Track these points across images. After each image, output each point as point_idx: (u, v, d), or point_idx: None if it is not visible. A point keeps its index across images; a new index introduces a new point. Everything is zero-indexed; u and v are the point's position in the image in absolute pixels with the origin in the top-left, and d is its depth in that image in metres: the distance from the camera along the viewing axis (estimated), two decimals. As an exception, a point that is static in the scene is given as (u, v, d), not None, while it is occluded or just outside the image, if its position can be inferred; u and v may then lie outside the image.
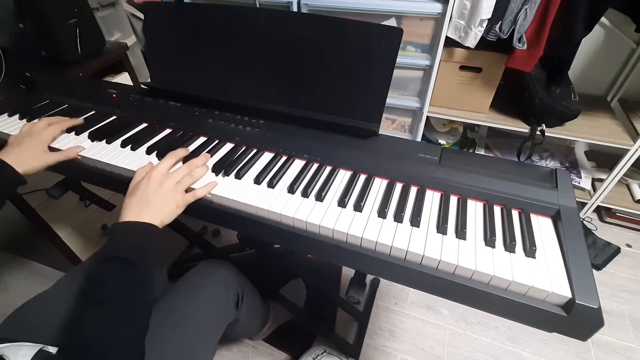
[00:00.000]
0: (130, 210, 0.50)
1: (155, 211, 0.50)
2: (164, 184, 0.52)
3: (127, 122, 0.71)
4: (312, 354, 0.93)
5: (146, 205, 0.50)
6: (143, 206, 0.50)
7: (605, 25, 1.21)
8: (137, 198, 0.51)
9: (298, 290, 1.12)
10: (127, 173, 0.60)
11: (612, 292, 1.16)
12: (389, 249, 0.47)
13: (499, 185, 0.55)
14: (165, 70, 0.75)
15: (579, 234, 0.47)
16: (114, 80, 1.22)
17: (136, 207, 0.50)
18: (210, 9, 0.68)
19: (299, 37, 0.63)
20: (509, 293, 0.43)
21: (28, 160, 0.58)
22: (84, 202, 1.11)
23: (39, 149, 0.61)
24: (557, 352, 1.01)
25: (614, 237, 1.31)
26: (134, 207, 0.50)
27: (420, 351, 1.02)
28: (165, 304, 0.63)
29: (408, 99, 1.30)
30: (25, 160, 0.58)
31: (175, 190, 0.53)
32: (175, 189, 0.53)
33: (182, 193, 0.53)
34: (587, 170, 1.38)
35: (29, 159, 0.59)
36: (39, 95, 0.82)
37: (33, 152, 0.60)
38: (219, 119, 0.70)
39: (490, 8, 1.00)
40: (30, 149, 0.60)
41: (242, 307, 0.73)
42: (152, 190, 0.51)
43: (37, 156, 0.60)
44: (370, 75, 0.60)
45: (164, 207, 0.51)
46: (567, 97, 1.14)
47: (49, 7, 1.00)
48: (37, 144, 0.61)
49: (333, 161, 0.60)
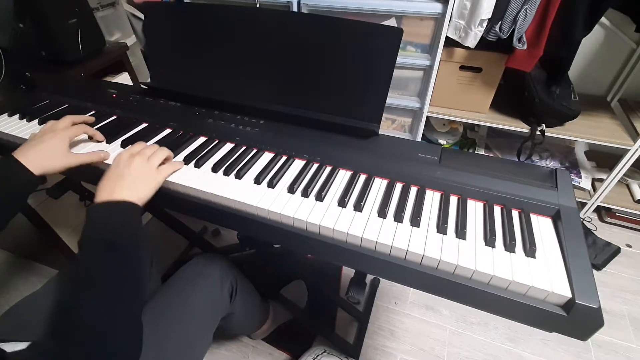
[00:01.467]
0: (103, 190, 0.48)
1: (130, 186, 0.49)
2: (135, 159, 0.52)
3: (127, 122, 0.71)
4: (312, 354, 0.93)
5: (119, 181, 0.49)
6: (116, 182, 0.49)
7: (605, 25, 1.21)
8: (109, 177, 0.50)
9: (298, 291, 1.12)
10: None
11: (612, 292, 1.16)
12: (389, 249, 0.47)
13: (499, 185, 0.55)
14: (165, 70, 0.75)
15: (579, 234, 0.47)
16: (114, 80, 1.22)
17: (109, 185, 0.49)
18: (210, 9, 0.68)
19: (299, 37, 0.63)
20: (509, 293, 0.43)
21: (48, 160, 0.55)
22: (84, 202, 1.11)
23: (61, 148, 0.57)
24: (557, 352, 1.01)
25: (614, 237, 1.31)
26: (107, 185, 0.49)
27: (420, 351, 1.02)
28: (161, 298, 0.63)
29: (408, 99, 1.30)
30: (46, 159, 0.55)
31: (150, 163, 0.53)
32: (149, 162, 0.53)
33: (157, 167, 0.53)
34: (587, 170, 1.38)
35: (49, 158, 0.55)
36: (39, 95, 0.82)
37: (54, 151, 0.56)
38: (219, 119, 0.70)
39: (490, 8, 1.00)
40: (52, 148, 0.56)
41: (236, 300, 0.73)
42: (123, 166, 0.51)
43: (58, 156, 0.56)
44: (370, 75, 0.60)
45: (139, 180, 0.50)
46: (567, 97, 1.14)
47: (49, 7, 1.00)
48: (59, 143, 0.57)
49: (333, 161, 0.60)
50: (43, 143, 0.56)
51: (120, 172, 0.50)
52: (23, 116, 0.73)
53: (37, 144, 0.56)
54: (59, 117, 0.71)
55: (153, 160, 0.54)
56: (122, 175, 0.50)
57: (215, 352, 1.01)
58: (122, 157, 0.53)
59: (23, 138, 0.68)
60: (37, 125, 0.71)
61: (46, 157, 0.55)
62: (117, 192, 0.48)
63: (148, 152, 0.54)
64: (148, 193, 0.50)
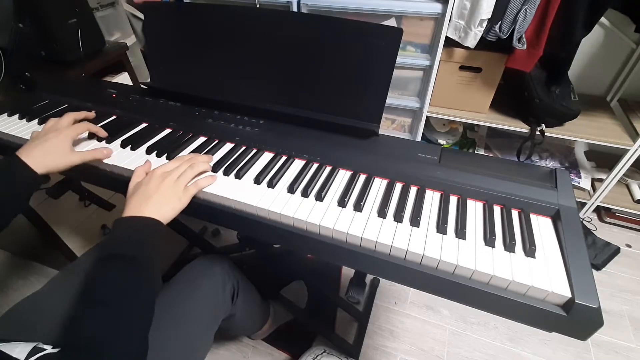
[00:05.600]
0: (130, 206, 0.49)
1: (157, 205, 0.50)
2: (165, 180, 0.52)
3: (127, 122, 0.71)
4: (312, 354, 0.93)
5: (147, 200, 0.50)
6: (143, 201, 0.50)
7: (605, 25, 1.21)
8: (138, 194, 0.50)
9: (298, 291, 1.12)
10: (127, 173, 0.60)
11: (612, 292, 1.16)
12: (388, 249, 0.47)
13: (499, 185, 0.55)
14: (165, 70, 0.75)
15: (578, 234, 0.47)
16: (114, 80, 1.22)
17: (136, 203, 0.50)
18: (209, 9, 0.68)
19: (298, 37, 0.63)
20: (508, 293, 0.43)
21: (52, 159, 0.55)
22: (84, 202, 1.11)
23: (65, 146, 0.57)
24: (557, 352, 1.01)
25: (613, 237, 1.31)
26: (134, 203, 0.50)
27: (420, 351, 1.02)
28: (164, 299, 0.63)
29: (408, 99, 1.30)
30: (49, 158, 0.55)
31: (177, 184, 0.53)
32: (176, 183, 0.53)
33: (185, 186, 0.53)
34: (586, 170, 1.38)
35: (52, 157, 0.55)
36: (38, 95, 0.82)
37: (58, 149, 0.56)
38: (219, 119, 0.70)
39: (490, 8, 1.00)
40: (55, 147, 0.56)
41: (238, 301, 0.73)
42: (153, 186, 0.51)
43: (62, 154, 0.56)
44: (370, 75, 0.60)
45: (166, 201, 0.51)
46: (566, 97, 1.14)
47: (49, 7, 1.00)
48: (62, 142, 0.57)
49: (333, 161, 0.60)
50: (46, 142, 0.56)
51: (148, 191, 0.51)
52: (23, 116, 0.73)
53: (40, 143, 0.56)
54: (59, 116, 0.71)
55: (182, 179, 0.53)
56: (150, 195, 0.50)
57: (215, 352, 1.01)
58: (155, 174, 0.53)
59: (23, 138, 0.68)
60: (37, 125, 0.71)
61: (50, 155, 0.55)
62: (142, 209, 0.49)
63: (178, 172, 0.54)
64: (171, 214, 0.51)
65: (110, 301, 0.41)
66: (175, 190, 0.52)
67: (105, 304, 0.41)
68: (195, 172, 0.56)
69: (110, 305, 0.41)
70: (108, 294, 0.42)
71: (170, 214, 0.51)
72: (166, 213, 0.50)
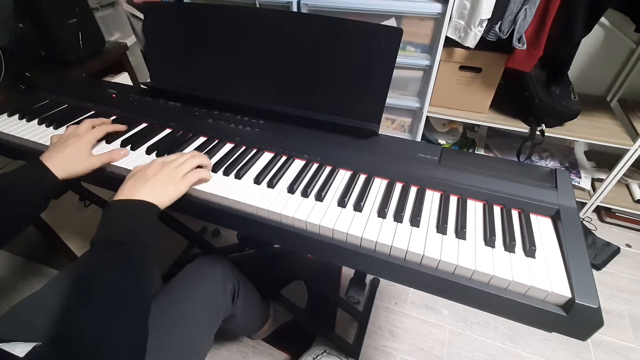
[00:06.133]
0: (124, 189, 0.48)
1: (153, 189, 0.49)
2: (165, 167, 0.52)
3: (127, 122, 0.71)
4: (312, 354, 0.93)
5: (143, 183, 0.49)
6: (139, 184, 0.49)
7: (605, 25, 1.21)
8: (135, 178, 0.50)
9: (298, 291, 1.12)
10: (126, 173, 0.60)
11: (612, 292, 1.16)
12: (388, 249, 0.47)
13: (499, 185, 0.55)
14: (165, 70, 0.75)
15: (578, 234, 0.47)
16: (113, 80, 1.22)
17: (131, 185, 0.49)
18: (209, 9, 0.68)
19: (298, 37, 0.63)
20: (508, 293, 0.43)
21: (73, 164, 0.56)
22: (83, 202, 1.11)
23: (85, 151, 0.59)
24: (556, 352, 1.01)
25: (613, 237, 1.31)
26: (129, 185, 0.49)
27: (420, 351, 1.02)
28: (164, 300, 0.63)
29: (408, 99, 1.30)
30: (71, 163, 0.56)
31: (177, 171, 0.52)
32: (176, 170, 0.52)
33: (184, 175, 0.53)
34: (586, 170, 1.38)
35: (73, 162, 0.57)
36: (38, 95, 0.82)
37: (78, 154, 0.58)
38: (218, 119, 0.70)
39: (490, 8, 1.00)
40: (76, 152, 0.58)
41: (238, 301, 0.73)
42: (151, 171, 0.51)
43: (83, 159, 0.58)
44: (370, 75, 0.60)
45: (162, 185, 0.50)
46: (566, 97, 1.14)
47: (49, 7, 1.00)
48: (82, 147, 0.59)
49: (333, 161, 0.60)
50: (67, 147, 0.57)
51: (146, 175, 0.50)
52: (23, 116, 0.73)
53: (61, 149, 0.57)
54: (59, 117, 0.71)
55: (181, 168, 0.53)
56: (147, 178, 0.49)
57: (215, 352, 1.01)
58: (155, 161, 0.53)
59: (22, 138, 0.68)
60: (37, 125, 0.71)
61: (71, 160, 0.56)
62: (136, 192, 0.48)
63: (178, 161, 0.54)
64: (166, 199, 0.50)
65: (104, 291, 0.40)
66: (173, 177, 0.51)
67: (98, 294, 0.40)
68: (197, 162, 0.55)
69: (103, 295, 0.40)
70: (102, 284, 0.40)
71: (166, 200, 0.50)
72: (162, 197, 0.49)
